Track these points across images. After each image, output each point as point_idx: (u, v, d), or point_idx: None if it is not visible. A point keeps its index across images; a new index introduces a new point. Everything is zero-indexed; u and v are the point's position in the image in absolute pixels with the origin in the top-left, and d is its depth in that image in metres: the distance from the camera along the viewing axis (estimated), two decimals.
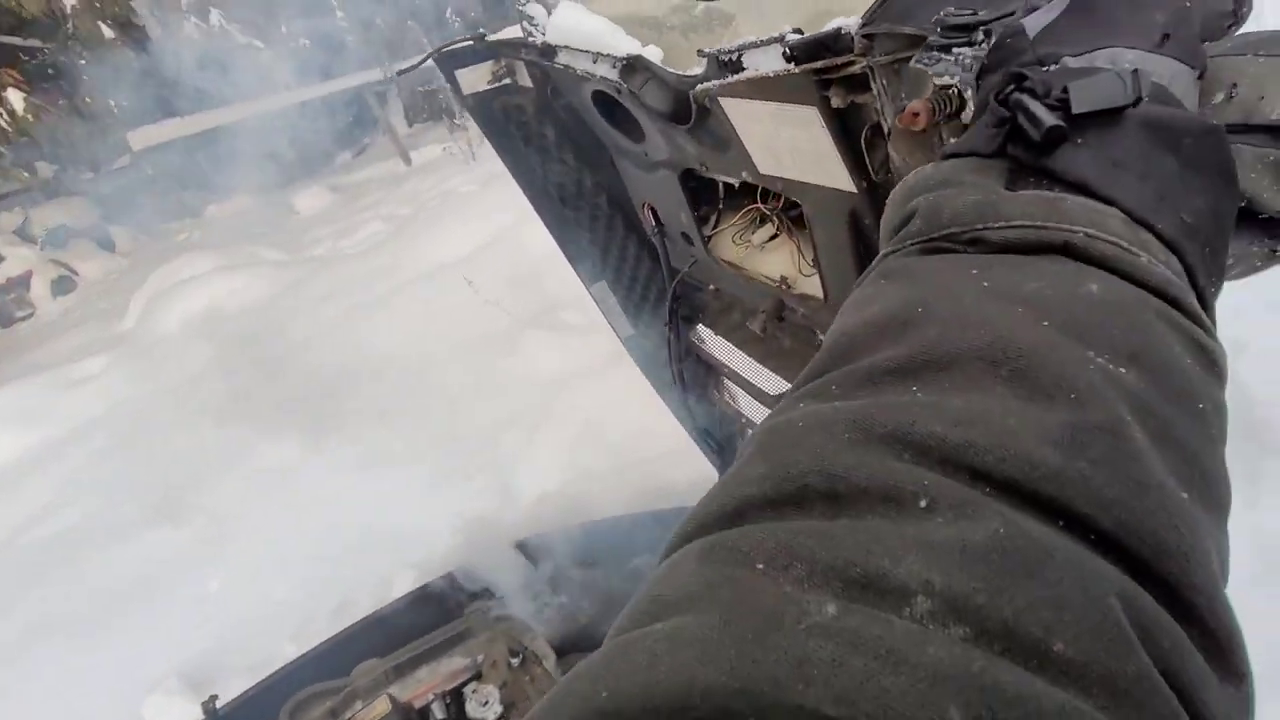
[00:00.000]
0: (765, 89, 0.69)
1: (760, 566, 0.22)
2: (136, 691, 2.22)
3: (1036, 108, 0.31)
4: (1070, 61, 0.34)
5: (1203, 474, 0.25)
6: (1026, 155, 0.32)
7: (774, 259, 1.04)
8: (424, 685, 1.58)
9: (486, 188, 6.64)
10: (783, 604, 0.20)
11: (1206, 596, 0.22)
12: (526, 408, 2.87)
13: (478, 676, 1.60)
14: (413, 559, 2.33)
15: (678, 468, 2.31)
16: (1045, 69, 0.34)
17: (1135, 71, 0.32)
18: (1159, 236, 0.30)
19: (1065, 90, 0.31)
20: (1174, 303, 0.28)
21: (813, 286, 0.97)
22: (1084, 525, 0.21)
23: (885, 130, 0.58)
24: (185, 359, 4.72)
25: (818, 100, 0.65)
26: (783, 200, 0.98)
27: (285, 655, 1.88)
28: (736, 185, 1.00)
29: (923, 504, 0.22)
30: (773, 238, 1.05)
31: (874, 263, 0.35)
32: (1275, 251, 0.36)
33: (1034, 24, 0.36)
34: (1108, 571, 0.21)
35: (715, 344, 1.43)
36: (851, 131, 0.67)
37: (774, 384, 1.29)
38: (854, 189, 0.73)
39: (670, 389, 1.67)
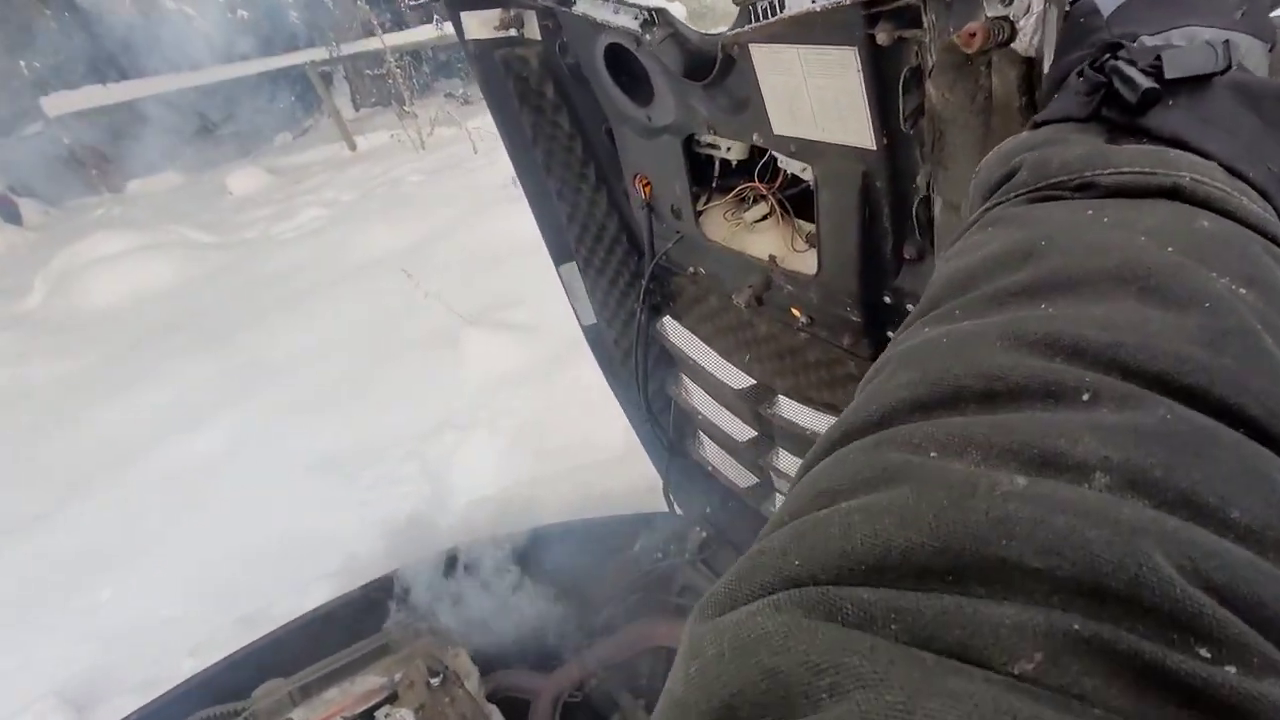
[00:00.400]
0: (804, 29, 0.69)
1: (934, 455, 0.22)
2: (7, 712, 1.99)
3: (1132, 72, 0.33)
4: (1146, 40, 0.36)
5: None
6: (1122, 117, 0.34)
7: (763, 239, 1.03)
8: (332, 708, 1.46)
9: (435, 177, 6.44)
10: (973, 477, 0.21)
11: None
12: (463, 409, 2.75)
13: (393, 698, 1.49)
14: (332, 567, 2.19)
15: (617, 475, 2.24)
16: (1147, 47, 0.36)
17: (1226, 42, 0.34)
18: (1251, 184, 0.32)
19: (1158, 58, 0.33)
20: (1275, 239, 0.30)
21: (802, 263, 0.97)
22: (1235, 414, 0.22)
23: (927, 69, 0.57)
24: (95, 343, 4.36)
25: (860, 39, 0.65)
26: (780, 179, 0.98)
27: (182, 673, 1.71)
28: (734, 163, 1.01)
29: (1085, 397, 0.22)
30: (764, 218, 1.04)
31: (973, 217, 0.36)
32: None
33: (1106, 3, 0.38)
34: (1267, 453, 0.22)
35: (680, 336, 1.40)
36: (886, 76, 0.67)
37: (739, 379, 1.27)
38: (873, 145, 0.72)
39: (624, 382, 1.62)
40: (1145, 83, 0.33)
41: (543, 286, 3.51)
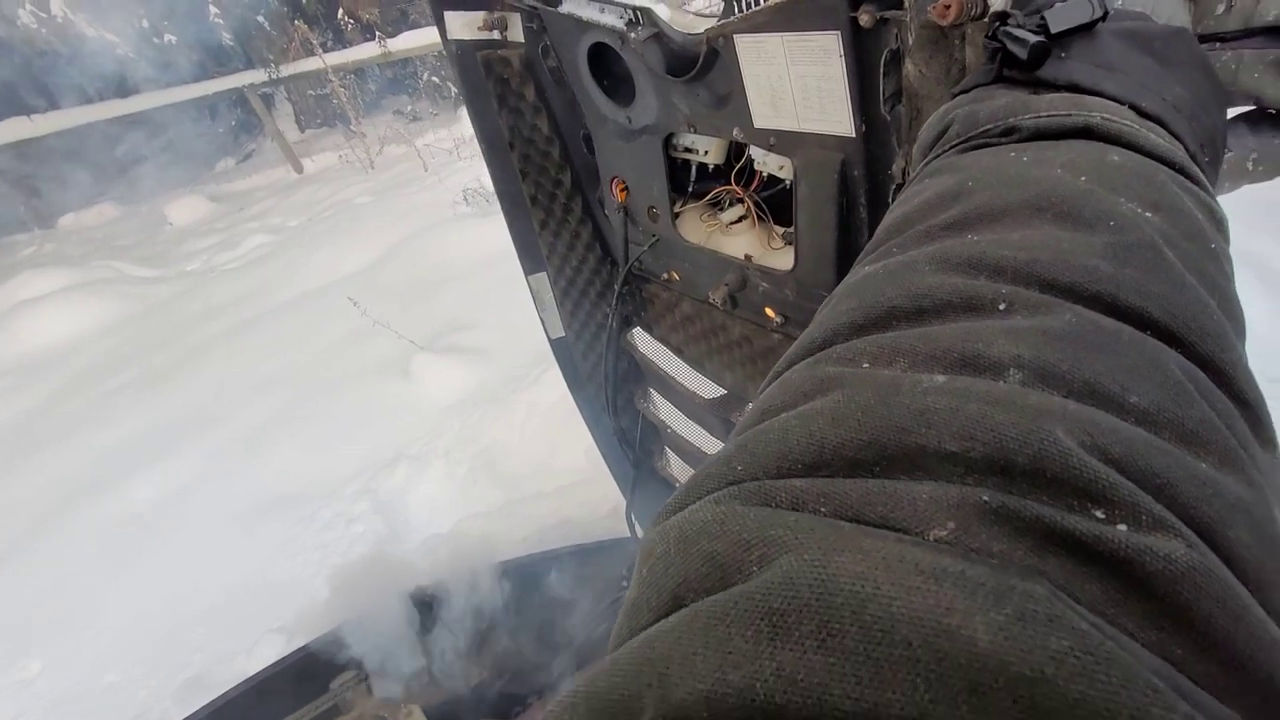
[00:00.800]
0: (789, 16, 0.72)
1: (866, 365, 0.24)
2: None
3: (1021, 33, 0.37)
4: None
5: (1222, 296, 0.28)
6: (1021, 74, 0.37)
7: (739, 240, 1.06)
8: None
9: (384, 198, 6.29)
10: (899, 379, 0.23)
11: (1243, 372, 0.25)
12: (417, 439, 2.65)
13: None
14: (282, 619, 2.07)
15: (578, 500, 2.17)
16: (1036, 7, 0.39)
17: None
18: (1144, 114, 0.34)
19: (1042, 17, 0.37)
20: (1180, 169, 0.32)
21: (778, 260, 0.99)
22: (1138, 317, 0.24)
23: (907, 49, 0.60)
24: (26, 389, 4.11)
25: (843, 23, 0.68)
26: (756, 182, 1.01)
27: None
28: (710, 168, 1.04)
29: (1002, 306, 0.25)
30: (740, 219, 1.06)
31: (915, 174, 0.39)
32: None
33: None
34: (1164, 348, 0.24)
35: (650, 347, 1.40)
36: (867, 60, 0.70)
37: (709, 389, 1.27)
38: (853, 133, 0.76)
39: (590, 397, 1.60)
40: (1032, 39, 0.36)
41: (495, 307, 3.45)
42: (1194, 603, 0.18)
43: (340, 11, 8.97)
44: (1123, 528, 0.19)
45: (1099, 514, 0.19)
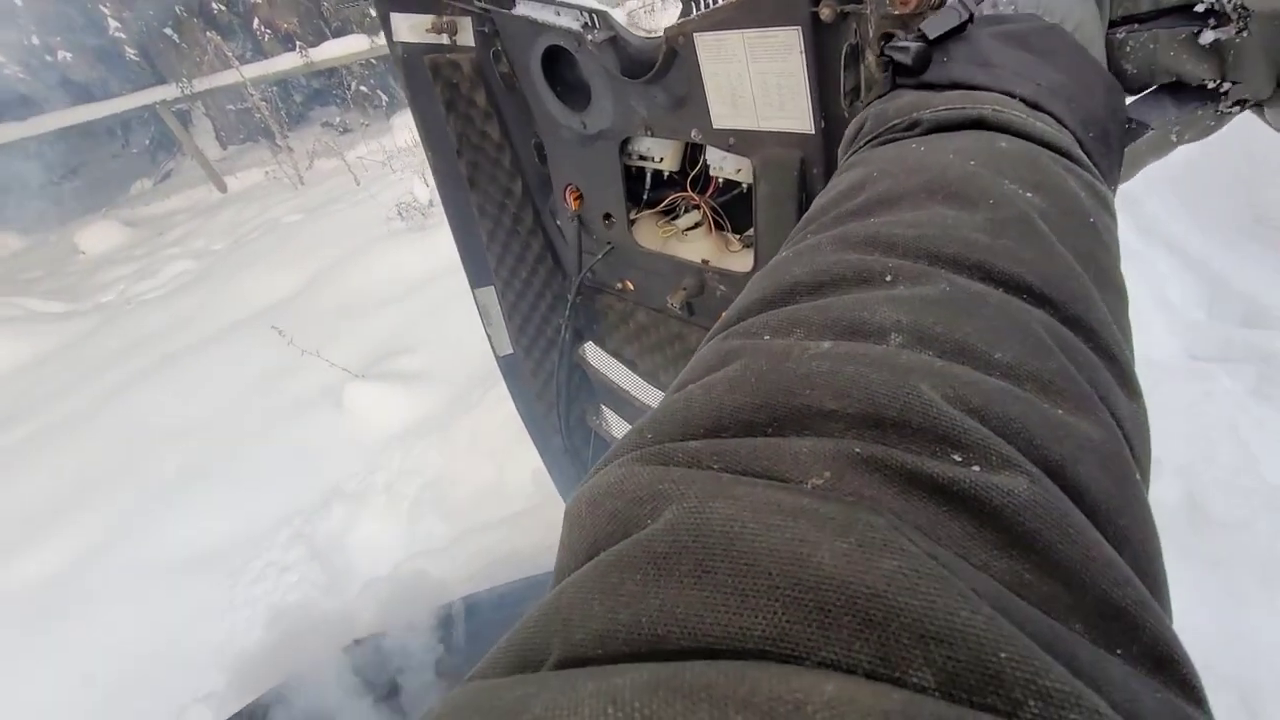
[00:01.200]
0: (750, 12, 0.73)
1: (767, 337, 0.27)
2: None
3: (904, 43, 0.41)
4: (984, 6, 0.44)
5: (1098, 265, 0.30)
6: (910, 80, 0.41)
7: (695, 246, 1.06)
8: None
9: (314, 215, 6.02)
10: (791, 347, 0.25)
11: (1109, 330, 0.28)
12: (354, 475, 2.50)
13: None
14: (212, 685, 1.91)
15: (527, 529, 2.08)
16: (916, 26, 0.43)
17: (964, 3, 0.41)
18: (1022, 100, 0.37)
19: (920, 30, 0.41)
20: (1064, 152, 0.35)
21: (736, 263, 1.00)
22: (1011, 282, 0.27)
23: (866, 42, 0.61)
24: None
25: (804, 18, 0.69)
26: (711, 188, 1.01)
27: None
28: (666, 175, 1.04)
29: (888, 278, 0.27)
30: (696, 225, 1.06)
31: (839, 167, 0.42)
32: (1220, 111, 0.42)
33: None
34: (1032, 310, 0.26)
35: (602, 361, 1.37)
36: (827, 56, 0.71)
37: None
38: (812, 129, 0.77)
39: (539, 417, 1.55)
40: (914, 47, 0.40)
41: (436, 327, 3.30)
42: (1036, 531, 0.20)
43: (256, 21, 8.54)
44: (976, 468, 0.21)
45: (957, 458, 0.21)
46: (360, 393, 2.79)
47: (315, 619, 1.99)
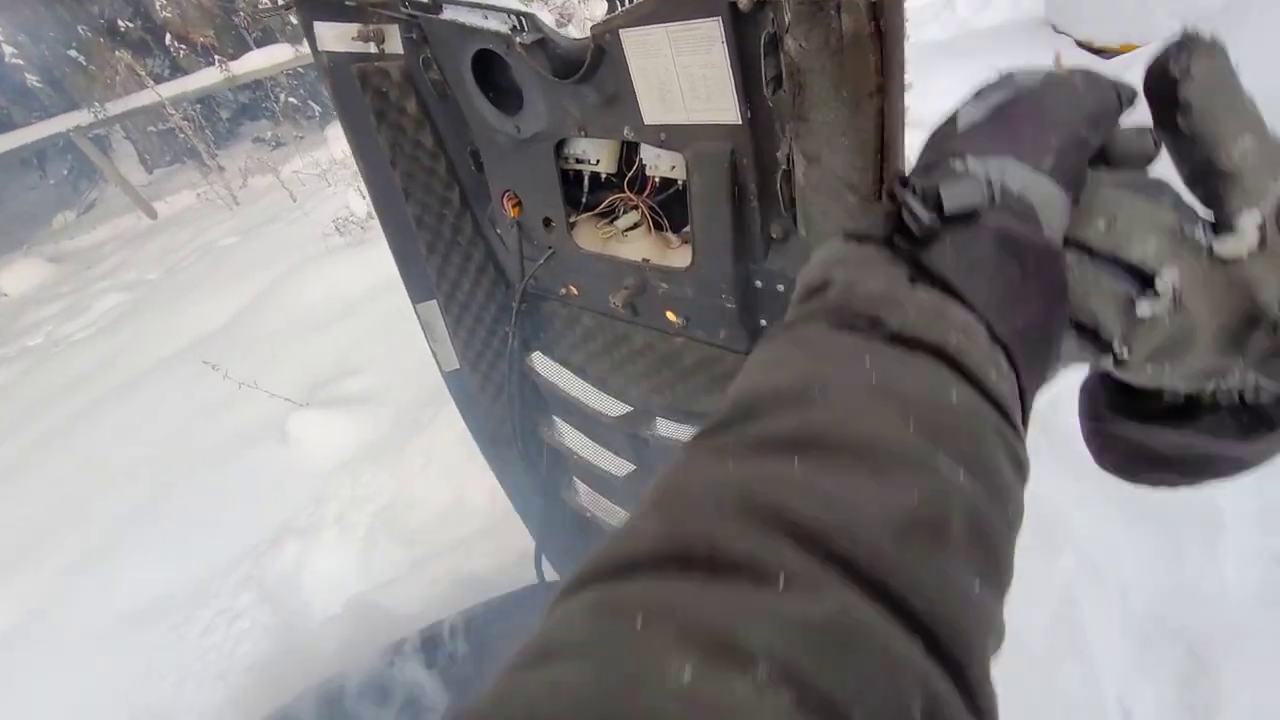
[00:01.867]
0: (671, 6, 0.74)
1: (638, 625, 0.24)
2: None
3: (917, 206, 0.36)
4: (957, 164, 0.38)
5: (998, 562, 0.30)
6: (907, 246, 0.37)
7: (636, 246, 1.06)
8: None
9: (250, 237, 5.79)
10: (649, 666, 0.23)
11: (983, 683, 0.27)
12: (303, 509, 2.40)
13: None
14: None
15: (484, 551, 2.02)
16: (949, 163, 0.38)
17: (991, 182, 0.37)
18: (996, 337, 0.35)
19: (939, 194, 0.36)
20: (1005, 415, 0.33)
21: (675, 260, 1.00)
22: (901, 606, 0.26)
23: (784, 28, 0.60)
24: None
25: (723, 8, 0.69)
26: (649, 188, 1.01)
27: None
28: (603, 177, 1.03)
29: (781, 582, 0.25)
30: (635, 226, 1.07)
31: (790, 316, 0.39)
32: (1100, 361, 0.41)
33: (966, 117, 0.40)
34: (914, 659, 0.25)
35: (551, 370, 1.36)
36: (748, 45, 0.71)
37: (615, 407, 1.27)
38: (739, 119, 0.77)
39: (490, 432, 1.53)
40: (927, 219, 0.36)
41: (381, 346, 3.19)
42: None
43: (169, 36, 8.13)
44: None
45: None
46: (304, 421, 2.68)
47: (265, 670, 1.91)
